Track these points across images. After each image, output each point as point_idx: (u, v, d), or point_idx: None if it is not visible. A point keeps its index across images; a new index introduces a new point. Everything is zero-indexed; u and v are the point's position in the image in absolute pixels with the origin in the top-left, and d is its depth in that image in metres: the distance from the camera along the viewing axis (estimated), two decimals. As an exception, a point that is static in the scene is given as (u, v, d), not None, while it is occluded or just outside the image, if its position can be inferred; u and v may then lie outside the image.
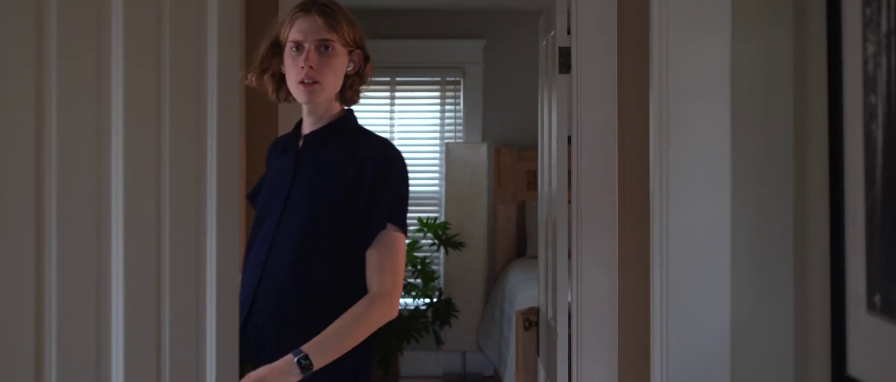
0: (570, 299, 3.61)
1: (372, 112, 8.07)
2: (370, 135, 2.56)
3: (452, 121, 8.16)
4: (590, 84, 3.35)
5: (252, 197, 2.60)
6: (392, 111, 8.08)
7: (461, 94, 8.04)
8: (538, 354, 4.48)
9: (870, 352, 2.14)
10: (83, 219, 2.70)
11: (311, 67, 2.41)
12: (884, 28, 2.04)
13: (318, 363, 2.28)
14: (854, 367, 2.21)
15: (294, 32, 2.46)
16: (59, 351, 2.65)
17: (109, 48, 2.73)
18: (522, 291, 6.27)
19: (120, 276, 2.74)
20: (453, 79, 8.07)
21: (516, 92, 7.65)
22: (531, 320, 4.55)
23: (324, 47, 2.43)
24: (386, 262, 2.42)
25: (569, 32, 3.59)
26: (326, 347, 2.30)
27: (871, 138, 2.09)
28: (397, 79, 8.04)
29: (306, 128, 2.53)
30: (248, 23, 3.26)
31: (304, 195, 2.46)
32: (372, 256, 2.41)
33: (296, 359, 2.27)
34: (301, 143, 2.51)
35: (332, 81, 2.46)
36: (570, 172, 3.65)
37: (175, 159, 2.90)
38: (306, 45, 2.43)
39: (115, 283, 2.75)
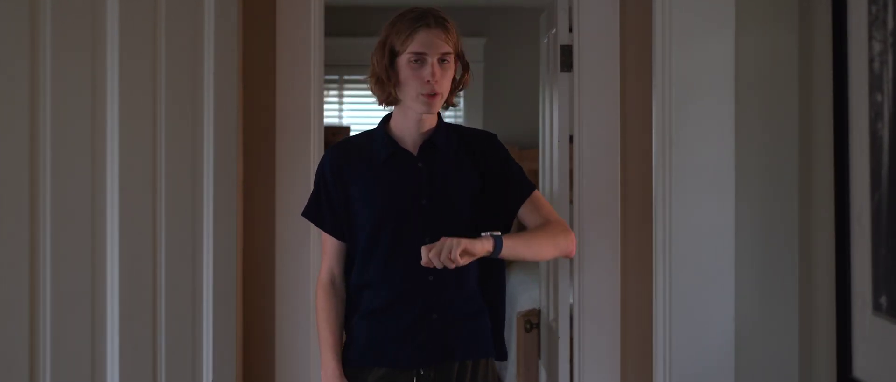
0: (571, 300, 3.59)
1: (372, 111, 8.05)
2: (461, 127, 2.74)
3: (453, 119, 8.15)
4: (592, 82, 3.33)
5: (313, 216, 2.61)
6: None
7: (462, 92, 8.03)
8: (539, 356, 4.46)
9: (875, 354, 2.12)
10: (78, 221, 2.68)
11: (436, 81, 2.53)
12: (890, 25, 2.01)
13: (508, 248, 2.48)
14: (860, 369, 2.18)
15: (416, 45, 2.54)
16: (53, 354, 2.63)
17: (104, 47, 2.71)
18: (523, 292, 6.25)
19: (115, 278, 2.72)
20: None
21: (517, 90, 7.64)
22: (532, 322, 4.53)
23: (442, 61, 2.56)
24: (549, 210, 2.65)
25: (570, 30, 3.56)
26: (518, 241, 2.52)
27: (877, 138, 2.07)
28: (398, 77, 8.02)
29: (412, 136, 2.61)
30: (247, 23, 3.24)
31: (447, 196, 2.58)
32: (531, 210, 2.64)
33: (491, 235, 2.49)
34: (416, 151, 2.61)
35: (448, 91, 2.61)
36: (571, 171, 3.62)
37: (171, 159, 2.88)
38: (429, 59, 2.53)
39: (110, 285, 2.72)
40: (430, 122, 2.62)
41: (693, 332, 2.79)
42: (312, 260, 3.23)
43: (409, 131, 2.60)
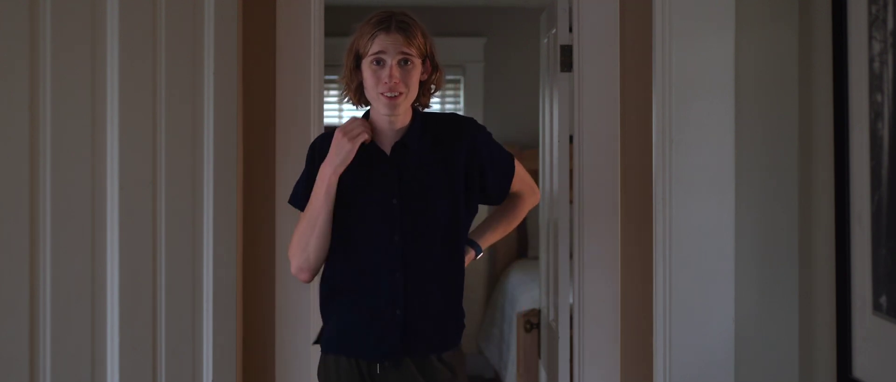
0: (571, 300, 3.59)
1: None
2: (438, 116, 2.78)
3: (453, 119, 8.10)
4: (592, 82, 3.33)
5: (297, 201, 2.64)
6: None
7: (462, 92, 8.03)
8: (539, 356, 4.46)
9: (876, 354, 2.12)
10: (78, 220, 2.68)
11: (396, 81, 2.59)
12: (890, 25, 2.01)
13: (486, 244, 2.82)
14: (860, 369, 2.18)
15: (375, 46, 2.62)
16: (53, 354, 2.63)
17: (104, 47, 2.71)
18: (524, 292, 6.25)
19: (115, 277, 2.72)
20: (454, 77, 8.06)
21: (517, 90, 7.63)
22: (532, 322, 4.53)
23: (404, 62, 2.61)
24: (522, 180, 2.84)
25: (570, 30, 3.56)
26: (495, 233, 2.86)
27: (877, 137, 2.07)
28: (397, 78, 8.01)
29: (387, 136, 2.67)
30: (247, 23, 3.23)
31: (420, 196, 2.63)
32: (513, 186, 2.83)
33: (470, 247, 2.75)
34: (389, 150, 2.65)
35: (412, 91, 2.65)
36: (571, 171, 3.62)
37: (171, 159, 2.88)
38: (388, 61, 2.60)
39: (110, 285, 2.72)
40: (404, 120, 2.66)
41: (693, 332, 2.79)
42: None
43: (382, 130, 2.66)
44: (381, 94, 2.58)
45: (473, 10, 7.78)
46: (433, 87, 2.70)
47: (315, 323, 3.25)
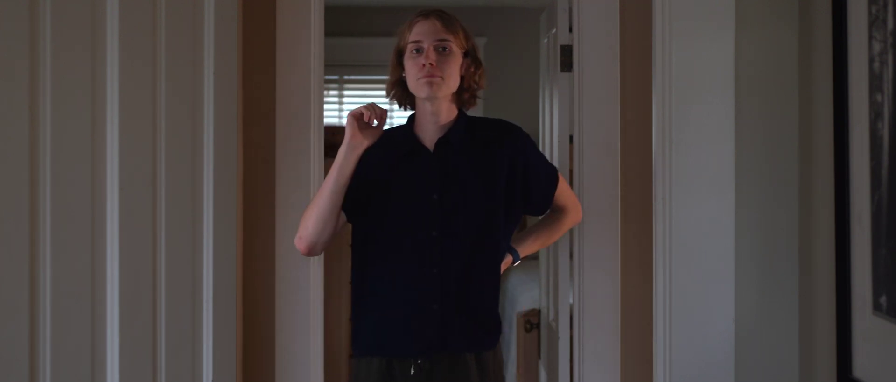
0: (571, 300, 3.59)
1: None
2: (484, 119, 2.79)
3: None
4: (592, 82, 3.33)
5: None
6: (392, 109, 8.03)
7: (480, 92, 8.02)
8: (539, 356, 4.46)
9: (876, 354, 2.12)
10: (78, 220, 2.67)
11: (431, 64, 2.59)
12: (890, 25, 2.01)
13: (524, 253, 2.82)
14: (859, 369, 2.18)
15: (414, 35, 2.65)
16: (53, 354, 2.63)
17: (105, 47, 2.71)
18: (524, 292, 6.24)
19: (115, 277, 2.72)
20: (454, 77, 8.07)
21: (517, 90, 7.63)
22: (532, 322, 4.53)
23: (442, 48, 2.61)
24: (567, 195, 2.85)
25: (570, 30, 3.56)
26: (534, 243, 2.86)
27: (877, 137, 2.07)
28: (398, 77, 8.02)
29: (430, 133, 2.67)
30: (247, 23, 3.23)
31: (460, 193, 2.63)
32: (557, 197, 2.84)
33: (508, 252, 2.75)
34: (432, 147, 2.66)
35: (452, 79, 2.64)
36: (571, 171, 3.62)
37: (171, 159, 2.88)
38: (425, 45, 2.61)
39: (110, 285, 2.72)
40: (447, 116, 2.67)
41: (693, 332, 2.79)
42: (312, 260, 3.23)
43: (426, 128, 2.67)
44: (419, 78, 2.58)
45: (473, 10, 7.77)
46: (475, 84, 2.70)
47: (315, 323, 3.25)
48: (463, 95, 2.69)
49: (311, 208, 2.58)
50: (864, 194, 2.14)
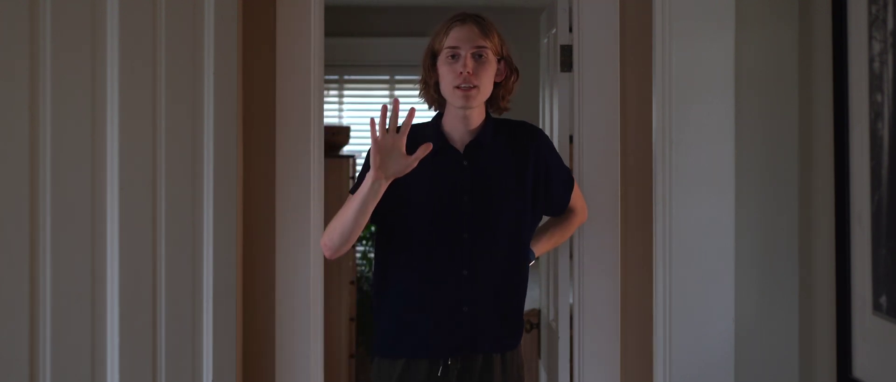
0: (571, 300, 3.59)
1: (372, 111, 8.04)
2: (509, 121, 2.79)
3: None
4: (592, 82, 3.32)
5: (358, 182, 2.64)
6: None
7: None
8: (539, 356, 4.46)
9: (876, 354, 2.12)
10: (78, 221, 2.68)
11: (469, 72, 2.59)
12: (890, 25, 2.01)
13: (540, 252, 2.80)
14: (859, 369, 2.18)
15: (450, 40, 2.64)
16: (53, 354, 2.63)
17: (104, 47, 2.71)
18: (524, 291, 6.25)
19: (115, 277, 2.72)
20: (454, 78, 8.06)
21: (517, 90, 7.64)
22: (532, 322, 4.53)
23: (478, 55, 2.62)
24: (577, 198, 2.86)
25: (570, 30, 3.56)
26: (548, 243, 2.84)
27: (877, 137, 2.07)
28: (396, 77, 8.02)
29: (460, 133, 2.66)
30: (247, 23, 3.23)
31: (489, 195, 2.63)
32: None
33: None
34: (462, 149, 2.66)
35: (487, 87, 2.65)
36: (571, 171, 3.62)
37: (171, 159, 2.88)
38: (462, 53, 2.61)
39: (110, 285, 2.72)
40: (477, 119, 2.67)
41: (693, 332, 2.79)
42: (312, 260, 3.23)
43: (456, 129, 2.66)
44: (456, 87, 2.57)
45: (473, 10, 7.75)
46: (508, 92, 2.72)
47: (315, 323, 3.25)
48: (497, 102, 2.70)
49: (337, 220, 2.55)
50: (864, 194, 2.14)
